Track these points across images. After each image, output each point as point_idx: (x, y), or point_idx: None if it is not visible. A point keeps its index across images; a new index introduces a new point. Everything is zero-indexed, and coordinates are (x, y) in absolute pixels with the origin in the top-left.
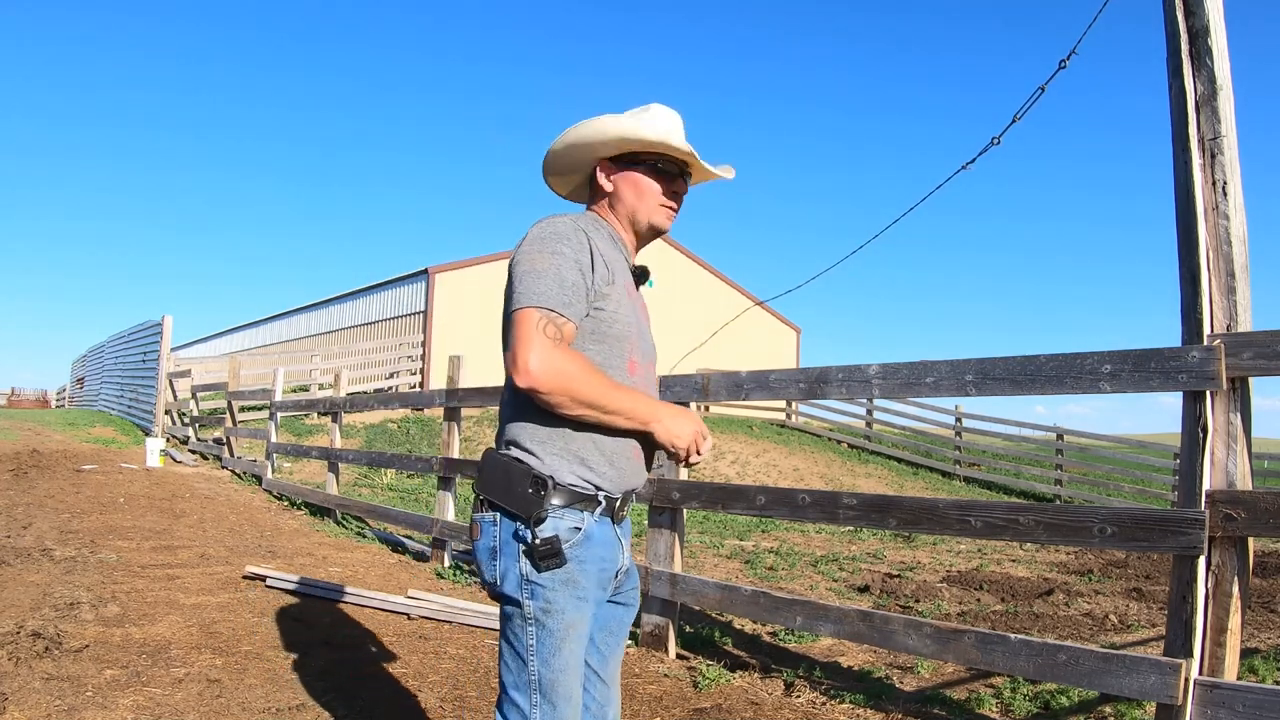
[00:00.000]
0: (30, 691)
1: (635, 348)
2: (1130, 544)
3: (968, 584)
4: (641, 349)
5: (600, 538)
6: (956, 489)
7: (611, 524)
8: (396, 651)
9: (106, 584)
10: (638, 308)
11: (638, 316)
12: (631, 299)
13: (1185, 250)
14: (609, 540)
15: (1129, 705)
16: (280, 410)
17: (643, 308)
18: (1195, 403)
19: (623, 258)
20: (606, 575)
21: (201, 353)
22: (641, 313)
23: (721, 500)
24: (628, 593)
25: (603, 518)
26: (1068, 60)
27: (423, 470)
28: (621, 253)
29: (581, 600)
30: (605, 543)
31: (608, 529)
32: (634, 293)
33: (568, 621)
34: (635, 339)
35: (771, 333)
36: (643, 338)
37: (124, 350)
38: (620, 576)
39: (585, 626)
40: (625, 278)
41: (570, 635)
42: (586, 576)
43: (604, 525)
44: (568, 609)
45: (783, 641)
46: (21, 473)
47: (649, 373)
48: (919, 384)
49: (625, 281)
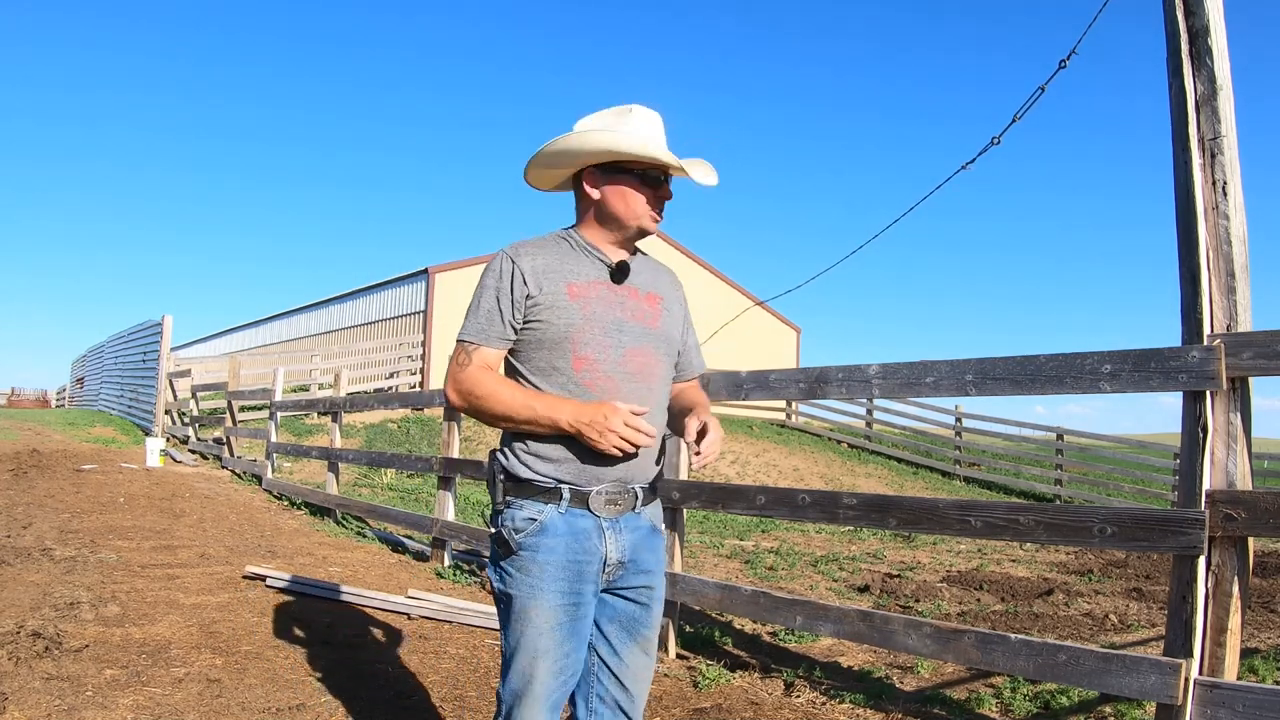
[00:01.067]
0: (30, 691)
1: (585, 344)
2: (1130, 544)
3: (968, 584)
4: (600, 342)
5: (566, 529)
6: (956, 489)
7: (592, 515)
8: (396, 651)
9: (106, 584)
10: (600, 304)
11: (594, 313)
12: (580, 299)
13: (1185, 250)
14: (581, 531)
15: (1129, 705)
16: (280, 410)
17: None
18: (1195, 403)
19: (590, 262)
20: (581, 565)
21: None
22: (614, 307)
23: (721, 500)
24: (637, 590)
25: (575, 509)
26: (1068, 60)
27: (423, 470)
28: (588, 258)
29: (535, 587)
30: (575, 533)
31: (582, 520)
32: (591, 293)
33: (521, 605)
34: (582, 337)
35: (771, 333)
36: (608, 331)
37: (124, 350)
38: (614, 568)
39: (547, 613)
40: (572, 281)
41: (527, 618)
42: (540, 565)
43: (576, 517)
44: (520, 593)
45: (783, 641)
46: (21, 472)
47: (618, 360)
48: (919, 384)
49: (571, 285)
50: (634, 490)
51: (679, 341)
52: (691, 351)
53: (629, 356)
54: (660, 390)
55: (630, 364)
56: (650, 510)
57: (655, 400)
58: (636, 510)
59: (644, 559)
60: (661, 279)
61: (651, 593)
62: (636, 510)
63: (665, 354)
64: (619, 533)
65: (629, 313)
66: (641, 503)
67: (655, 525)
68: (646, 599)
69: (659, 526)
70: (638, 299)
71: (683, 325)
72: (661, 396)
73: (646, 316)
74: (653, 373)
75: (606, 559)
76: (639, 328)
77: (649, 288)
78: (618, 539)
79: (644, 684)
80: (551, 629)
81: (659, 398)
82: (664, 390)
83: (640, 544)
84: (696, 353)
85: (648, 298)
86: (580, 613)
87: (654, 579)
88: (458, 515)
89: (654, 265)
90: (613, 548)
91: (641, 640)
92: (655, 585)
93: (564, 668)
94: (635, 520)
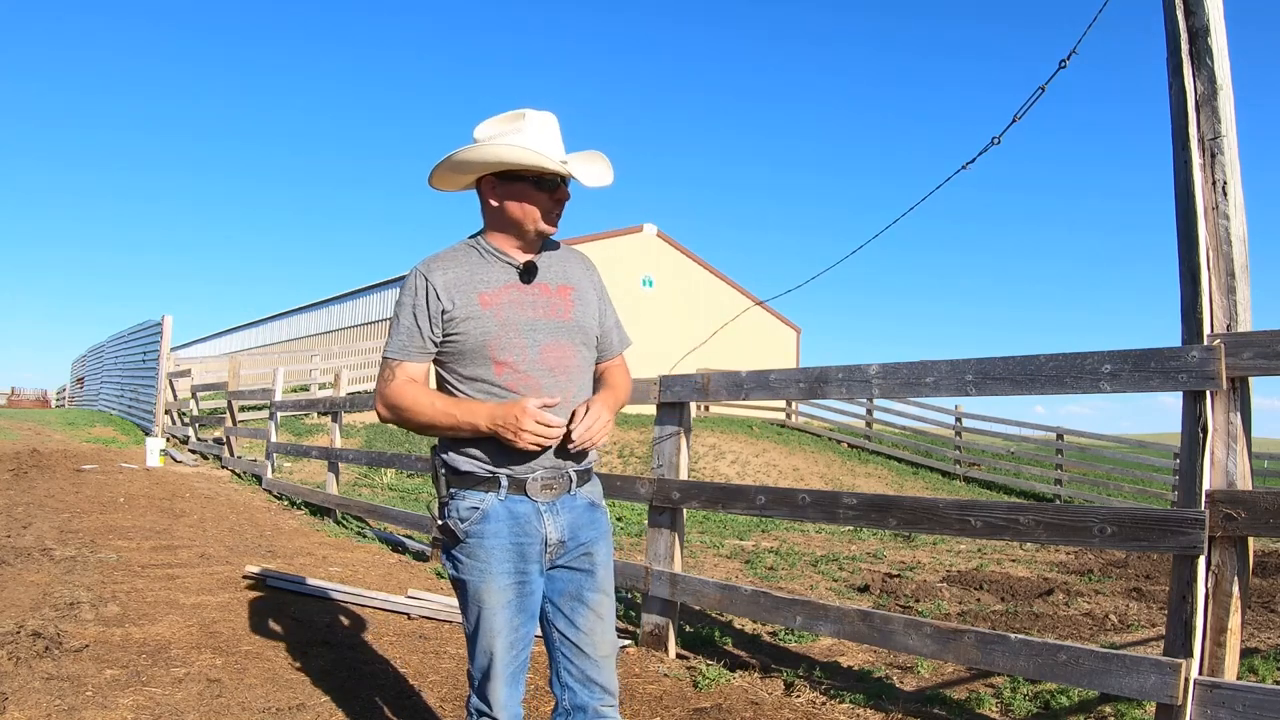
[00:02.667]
0: (30, 691)
1: (502, 349)
2: (1130, 544)
3: (968, 584)
4: (516, 344)
5: (507, 514)
6: (956, 489)
7: (529, 500)
8: (396, 651)
9: (106, 584)
10: (513, 308)
11: (507, 318)
12: (492, 306)
13: (1185, 250)
14: (521, 516)
15: (1129, 705)
16: (280, 410)
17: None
18: (1195, 403)
19: (499, 267)
20: (525, 547)
21: (201, 352)
22: (526, 308)
23: (721, 500)
24: (580, 559)
25: (513, 495)
26: (1068, 60)
27: (423, 470)
28: (497, 264)
29: (484, 571)
30: (516, 518)
31: (521, 505)
32: (502, 298)
33: (474, 588)
34: (498, 343)
35: (771, 333)
36: (522, 332)
37: (124, 350)
38: (555, 547)
39: (497, 593)
40: (483, 291)
41: (481, 600)
42: (487, 550)
43: (515, 503)
44: (472, 578)
45: (783, 641)
46: (21, 472)
47: (535, 358)
48: (919, 384)
49: (482, 295)
50: (567, 474)
51: (595, 327)
52: (611, 332)
53: (545, 352)
54: (579, 379)
55: (548, 359)
56: (587, 489)
57: (574, 389)
58: (572, 492)
59: (583, 534)
60: (572, 267)
61: (592, 559)
62: (572, 492)
63: (581, 343)
64: (556, 514)
65: (541, 310)
66: (576, 484)
67: (594, 501)
68: (589, 565)
69: (597, 502)
70: (549, 294)
71: (598, 309)
72: (582, 384)
73: (559, 310)
74: (569, 364)
75: (547, 539)
76: (552, 323)
77: (560, 280)
78: (555, 520)
79: (605, 647)
80: (502, 606)
81: (578, 386)
82: (584, 377)
83: (578, 521)
84: (617, 331)
85: (559, 291)
86: (527, 589)
87: (594, 546)
88: None
89: (563, 255)
90: (552, 529)
91: (592, 604)
92: (595, 552)
93: (515, 641)
94: (572, 501)
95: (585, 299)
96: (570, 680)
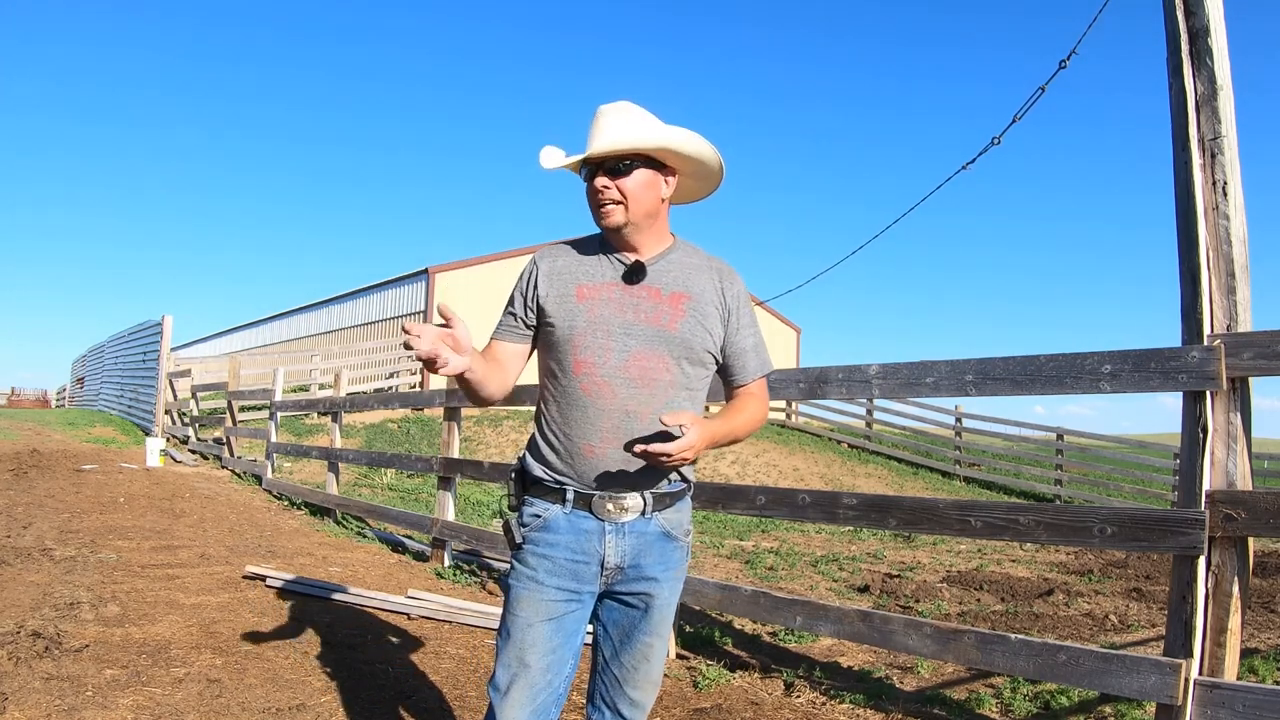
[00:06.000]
0: (30, 691)
1: (585, 347)
2: (1130, 544)
3: (968, 584)
4: (601, 345)
5: (569, 528)
6: (956, 489)
7: (594, 518)
8: (396, 651)
9: (106, 584)
10: (609, 306)
11: (599, 315)
12: (587, 301)
13: (1185, 250)
14: (583, 532)
15: (1129, 705)
16: (280, 410)
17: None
18: (1195, 403)
19: (607, 263)
20: (578, 566)
21: (202, 353)
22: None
23: (721, 500)
24: (635, 595)
25: (578, 510)
26: (1068, 60)
27: (423, 470)
28: (606, 260)
29: (531, 580)
30: (575, 533)
31: (585, 522)
32: (600, 294)
33: (516, 594)
34: (583, 341)
35: (771, 333)
36: (612, 334)
37: (124, 350)
38: (612, 571)
39: (538, 605)
40: (583, 283)
41: (520, 606)
42: (539, 561)
43: (579, 518)
44: (517, 584)
45: (783, 641)
46: (21, 472)
47: (618, 364)
48: (919, 384)
49: (581, 287)
50: (642, 496)
51: (710, 344)
52: (745, 355)
53: (633, 360)
54: (666, 396)
55: (632, 368)
56: (665, 516)
57: (658, 405)
58: (647, 515)
59: (646, 564)
60: (698, 277)
61: (650, 599)
62: (647, 515)
63: (682, 358)
64: (622, 536)
65: (642, 315)
66: (652, 508)
67: (668, 531)
68: (644, 604)
69: (673, 533)
70: (657, 300)
71: (721, 326)
72: (669, 401)
73: (663, 318)
74: (657, 377)
75: (605, 561)
76: (649, 330)
77: (675, 287)
78: (619, 542)
79: (647, 687)
80: (542, 620)
81: (663, 402)
82: (674, 396)
83: (645, 549)
84: (754, 355)
85: (670, 298)
86: (572, 609)
87: (655, 586)
88: (457, 515)
89: (694, 263)
90: (611, 551)
91: (640, 645)
92: (656, 592)
93: (551, 664)
94: (644, 525)
95: (702, 312)
96: (604, 705)
